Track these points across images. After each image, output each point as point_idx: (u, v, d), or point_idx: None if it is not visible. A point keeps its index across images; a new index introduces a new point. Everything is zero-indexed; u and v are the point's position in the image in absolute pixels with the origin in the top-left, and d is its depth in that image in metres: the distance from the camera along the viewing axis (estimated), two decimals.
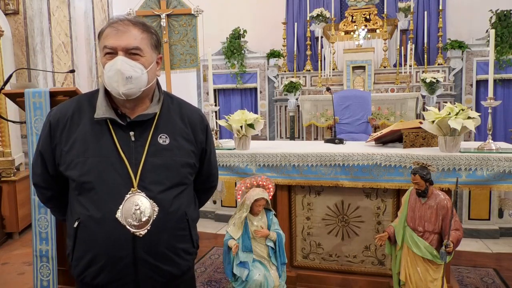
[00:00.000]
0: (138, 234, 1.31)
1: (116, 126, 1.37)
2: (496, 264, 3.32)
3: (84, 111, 1.41)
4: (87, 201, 1.34)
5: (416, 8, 6.66)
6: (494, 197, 3.89)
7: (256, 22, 7.24)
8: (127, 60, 1.33)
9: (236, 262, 2.39)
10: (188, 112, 1.52)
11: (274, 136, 7.03)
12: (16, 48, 5.51)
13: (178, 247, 1.41)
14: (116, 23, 1.35)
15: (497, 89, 5.99)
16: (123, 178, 1.33)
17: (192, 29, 6.07)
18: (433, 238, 2.15)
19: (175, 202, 1.38)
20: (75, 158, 1.35)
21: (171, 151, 1.39)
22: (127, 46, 1.34)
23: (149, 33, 1.40)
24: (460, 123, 2.33)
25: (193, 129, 1.49)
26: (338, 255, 2.84)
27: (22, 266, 3.49)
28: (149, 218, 1.32)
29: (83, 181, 1.33)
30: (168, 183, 1.38)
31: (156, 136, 1.39)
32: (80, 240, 1.36)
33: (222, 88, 7.19)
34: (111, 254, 1.32)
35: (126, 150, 1.35)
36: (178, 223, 1.40)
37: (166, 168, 1.38)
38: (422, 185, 2.14)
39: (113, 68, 1.32)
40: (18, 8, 5.56)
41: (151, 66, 1.39)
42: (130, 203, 1.31)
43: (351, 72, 6.33)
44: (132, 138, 1.37)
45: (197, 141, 1.49)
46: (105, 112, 1.37)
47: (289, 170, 2.68)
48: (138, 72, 1.34)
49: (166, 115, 1.45)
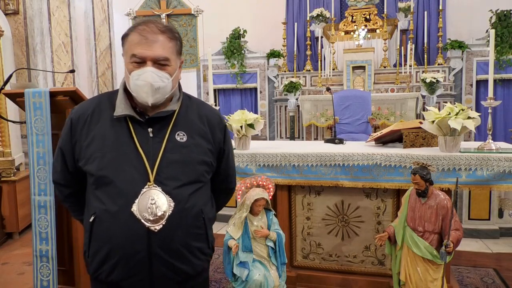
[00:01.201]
0: (153, 229, 1.31)
1: (135, 123, 1.40)
2: (496, 264, 3.32)
3: (104, 109, 1.44)
4: (103, 195, 1.35)
5: (416, 8, 6.66)
6: (494, 197, 3.89)
7: (256, 22, 7.24)
8: (156, 71, 1.36)
9: (236, 262, 2.39)
10: (207, 112, 1.54)
11: (274, 136, 7.03)
12: (16, 48, 5.51)
13: (193, 245, 1.41)
14: (144, 30, 1.36)
15: (497, 89, 5.99)
16: (140, 172, 1.34)
17: (192, 29, 6.08)
18: (433, 238, 2.15)
19: (191, 198, 1.39)
20: (94, 152, 1.37)
21: (188, 148, 1.41)
22: (158, 57, 1.36)
23: (175, 40, 1.42)
24: (460, 123, 2.33)
25: (211, 128, 1.50)
26: (338, 255, 2.84)
27: (22, 266, 3.49)
28: (165, 213, 1.32)
29: (101, 175, 1.35)
30: (184, 179, 1.38)
31: (174, 133, 1.41)
32: (96, 235, 1.37)
33: (222, 88, 7.19)
34: (126, 249, 1.32)
35: (144, 146, 1.37)
36: (194, 220, 1.40)
37: (183, 164, 1.39)
38: (422, 185, 2.14)
39: (143, 78, 1.35)
40: (18, 8, 5.56)
41: (176, 73, 1.43)
42: (146, 197, 1.32)
43: (351, 72, 6.33)
44: (150, 135, 1.39)
45: (215, 140, 1.50)
46: (124, 109, 1.39)
47: (289, 170, 2.68)
48: (165, 82, 1.38)
49: (184, 113, 1.47)
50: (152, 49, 1.35)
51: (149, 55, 1.35)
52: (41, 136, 2.39)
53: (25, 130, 2.63)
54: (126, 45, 1.40)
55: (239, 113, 2.83)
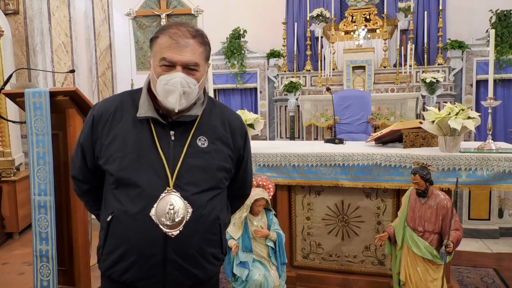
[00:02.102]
0: (170, 234, 1.30)
1: (157, 125, 1.38)
2: (496, 264, 3.32)
3: (126, 108, 1.42)
4: (123, 196, 1.34)
5: (416, 8, 6.66)
6: (494, 197, 3.89)
7: (256, 22, 7.24)
8: (186, 77, 1.33)
9: (236, 262, 2.39)
10: (230, 117, 1.52)
11: (274, 136, 7.03)
12: (16, 48, 5.51)
13: (208, 251, 1.40)
14: (175, 34, 1.33)
15: (497, 89, 5.99)
16: (160, 176, 1.33)
17: None
18: (433, 238, 2.15)
19: (209, 205, 1.37)
20: (115, 152, 1.36)
21: (209, 154, 1.39)
22: (188, 63, 1.34)
23: (205, 46, 1.40)
24: (460, 123, 2.33)
25: (232, 134, 1.48)
26: (338, 255, 2.84)
27: (22, 266, 3.49)
28: (182, 219, 1.31)
29: (121, 176, 1.34)
30: (203, 185, 1.37)
31: (195, 138, 1.39)
32: (112, 234, 1.36)
33: (222, 88, 7.19)
34: (142, 251, 1.31)
35: (165, 149, 1.35)
36: (211, 227, 1.39)
37: (203, 170, 1.38)
38: (422, 185, 2.14)
39: (172, 83, 1.32)
40: (18, 8, 5.56)
41: (203, 78, 1.41)
42: (165, 202, 1.31)
43: (351, 72, 6.33)
44: (172, 138, 1.37)
45: (235, 146, 1.49)
46: (147, 111, 1.37)
47: (289, 170, 2.68)
48: (192, 88, 1.35)
49: (207, 118, 1.45)
50: (183, 53, 1.33)
51: (179, 59, 1.33)
52: (41, 136, 2.40)
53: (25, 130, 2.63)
54: (155, 47, 1.37)
55: (239, 113, 2.82)
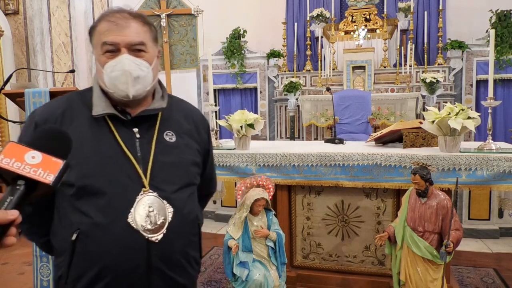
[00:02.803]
0: (154, 239, 1.17)
1: (117, 123, 1.24)
2: (496, 264, 3.32)
3: (77, 109, 1.26)
4: (90, 207, 1.17)
5: (416, 8, 6.66)
6: (494, 197, 3.89)
7: (256, 22, 7.24)
8: (133, 58, 1.22)
9: (236, 262, 2.39)
10: (190, 111, 1.44)
11: (274, 136, 7.03)
12: (16, 48, 5.51)
13: (191, 255, 1.30)
14: (113, 16, 1.22)
15: (497, 89, 5.99)
16: (131, 178, 1.20)
17: (192, 29, 6.08)
18: (433, 238, 2.15)
19: (188, 203, 1.28)
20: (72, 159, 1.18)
21: (179, 149, 1.30)
22: (132, 42, 1.21)
23: (149, 26, 1.28)
24: (460, 123, 2.33)
25: (196, 127, 1.40)
26: (338, 255, 2.84)
27: (22, 266, 3.49)
28: (165, 220, 1.19)
29: (84, 185, 1.17)
30: (179, 182, 1.27)
31: (162, 133, 1.29)
32: (81, 254, 1.17)
33: (222, 88, 7.19)
34: (123, 266, 1.17)
35: (131, 148, 1.23)
36: (192, 227, 1.30)
37: (176, 166, 1.27)
38: (422, 185, 2.14)
39: (119, 68, 1.20)
40: (18, 8, 5.56)
41: (155, 61, 1.29)
42: (143, 204, 1.18)
43: (351, 72, 6.33)
44: (137, 135, 1.25)
45: (201, 140, 1.40)
46: (105, 108, 1.23)
47: (289, 170, 2.68)
48: (145, 70, 1.24)
49: (169, 112, 1.34)
50: (125, 33, 1.20)
51: (122, 40, 1.20)
52: None
53: None
54: (94, 37, 1.24)
55: (239, 113, 2.83)
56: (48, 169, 0.76)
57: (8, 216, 0.71)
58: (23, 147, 0.77)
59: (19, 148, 0.77)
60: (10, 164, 0.74)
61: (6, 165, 0.74)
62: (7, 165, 0.74)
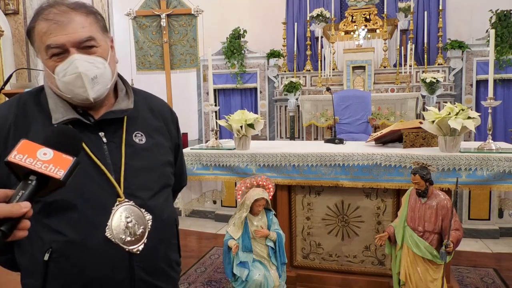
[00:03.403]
0: (135, 250, 1.09)
1: (80, 128, 1.11)
2: (496, 264, 3.32)
3: (32, 116, 1.12)
4: (61, 224, 1.06)
5: (416, 8, 6.66)
6: (494, 197, 3.89)
7: (256, 22, 7.25)
8: (85, 57, 1.08)
9: (236, 262, 2.39)
10: (157, 105, 1.32)
11: (274, 136, 7.04)
12: (16, 48, 5.51)
13: (171, 258, 1.23)
14: (50, 12, 1.06)
15: (497, 89, 5.99)
16: (104, 188, 1.09)
17: (192, 29, 6.08)
18: (433, 238, 2.15)
19: (166, 207, 1.20)
20: None
21: (151, 151, 1.20)
22: (80, 39, 1.07)
23: (94, 15, 1.13)
24: (460, 123, 2.33)
25: (165, 122, 1.30)
26: (338, 255, 2.84)
27: None
28: (144, 229, 1.11)
29: (53, 200, 1.03)
30: (155, 187, 1.18)
31: (130, 135, 1.18)
32: (57, 276, 1.06)
33: (222, 88, 7.19)
34: (104, 283, 1.08)
35: (99, 155, 1.11)
36: (171, 231, 1.23)
37: (149, 170, 1.18)
38: (422, 185, 2.14)
39: (71, 71, 1.07)
40: (18, 8, 5.56)
41: (109, 54, 1.15)
42: (119, 215, 1.08)
43: (351, 72, 6.33)
44: (104, 140, 1.13)
45: (171, 136, 1.32)
46: (65, 113, 1.10)
47: (289, 170, 2.68)
48: (101, 68, 1.10)
49: (135, 109, 1.22)
50: (69, 31, 1.05)
51: (67, 39, 1.05)
52: None
53: None
54: (36, 40, 1.09)
55: (239, 113, 2.82)
56: (59, 165, 0.80)
57: (22, 209, 0.73)
58: (36, 144, 0.81)
59: (31, 145, 0.80)
60: (22, 160, 0.78)
61: (19, 160, 0.78)
62: (20, 161, 0.78)
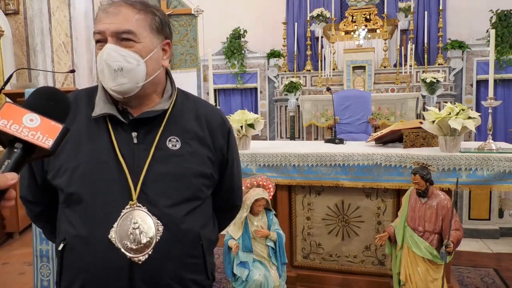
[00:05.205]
0: (137, 260, 1.04)
1: (116, 125, 1.12)
2: (496, 264, 3.31)
3: (81, 107, 1.16)
4: (75, 217, 1.09)
5: (416, 8, 6.66)
6: (494, 197, 3.89)
7: (256, 22, 7.24)
8: (117, 48, 1.08)
9: (236, 262, 2.39)
10: (207, 112, 1.24)
11: (274, 136, 7.03)
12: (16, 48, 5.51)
13: (187, 277, 1.14)
14: (107, 5, 1.12)
15: (497, 89, 5.99)
16: (121, 188, 1.07)
17: (192, 29, 6.09)
18: (433, 238, 2.15)
19: (186, 220, 1.12)
20: (65, 163, 1.09)
21: (182, 157, 1.13)
22: (117, 30, 1.08)
23: (148, 14, 1.13)
24: (460, 123, 2.33)
25: (211, 132, 1.22)
26: (338, 255, 2.84)
27: (23, 266, 3.49)
28: (151, 239, 1.05)
29: (71, 192, 1.08)
30: (177, 196, 1.11)
31: (164, 138, 1.14)
32: (67, 266, 1.11)
33: (222, 88, 7.19)
34: (103, 283, 1.06)
35: (127, 154, 1.10)
36: (190, 248, 1.14)
37: (175, 178, 1.12)
38: (422, 185, 2.14)
39: (100, 58, 1.09)
40: (18, 8, 5.57)
41: (152, 54, 1.13)
42: (128, 220, 1.04)
43: (351, 72, 6.33)
44: (135, 140, 1.12)
45: (215, 146, 1.22)
46: (103, 107, 1.12)
47: (289, 170, 2.68)
48: (132, 62, 1.09)
49: (179, 114, 1.19)
50: (112, 20, 1.08)
51: (107, 27, 1.08)
52: None
53: None
54: None
55: (239, 113, 2.83)
56: (47, 133, 0.72)
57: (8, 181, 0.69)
58: (21, 109, 0.73)
59: (16, 109, 0.72)
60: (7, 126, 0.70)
61: (3, 127, 0.70)
62: (5, 127, 0.70)
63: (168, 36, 1.20)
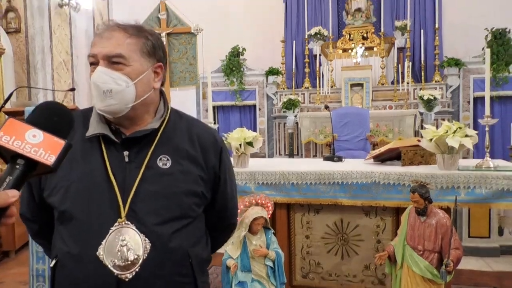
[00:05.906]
0: (124, 277, 1.04)
1: (109, 145, 1.16)
2: (497, 283, 3.28)
3: (77, 127, 1.18)
4: (67, 234, 1.12)
5: (413, 26, 6.77)
6: (493, 214, 3.87)
7: (255, 40, 7.34)
8: (107, 71, 1.12)
9: (234, 282, 2.36)
10: (199, 132, 1.27)
11: (273, 153, 7.04)
12: (17, 65, 5.56)
13: None
14: (101, 29, 1.17)
15: (494, 106, 6.03)
16: (111, 207, 1.10)
17: (191, 47, 6.14)
18: (433, 257, 2.14)
19: (174, 238, 1.12)
20: (60, 181, 1.13)
21: (173, 176, 1.16)
22: (108, 53, 1.12)
23: (140, 38, 1.17)
24: (457, 141, 2.34)
25: (203, 151, 1.24)
26: (337, 274, 2.81)
27: (18, 286, 3.44)
28: (138, 257, 1.06)
29: (64, 210, 1.12)
30: (166, 214, 1.13)
31: (155, 157, 1.16)
32: (59, 283, 1.14)
33: (221, 105, 7.24)
34: None
35: (118, 173, 1.13)
36: (178, 266, 1.14)
37: (164, 196, 1.14)
38: (421, 203, 2.13)
39: (91, 80, 1.14)
40: (20, 26, 5.63)
41: (142, 76, 1.16)
42: (116, 237, 1.06)
43: (349, 89, 6.38)
44: (126, 159, 1.14)
45: (208, 165, 1.23)
46: (96, 127, 1.16)
47: (288, 188, 2.68)
48: (122, 84, 1.12)
49: (171, 133, 1.22)
50: (104, 44, 1.13)
51: (100, 51, 1.13)
52: None
53: None
54: None
55: (238, 131, 2.84)
56: (50, 149, 0.72)
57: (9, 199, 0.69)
58: (24, 124, 0.72)
59: (19, 125, 0.72)
60: (10, 142, 0.70)
61: (5, 143, 0.70)
62: (7, 143, 0.70)
63: (160, 59, 1.23)
